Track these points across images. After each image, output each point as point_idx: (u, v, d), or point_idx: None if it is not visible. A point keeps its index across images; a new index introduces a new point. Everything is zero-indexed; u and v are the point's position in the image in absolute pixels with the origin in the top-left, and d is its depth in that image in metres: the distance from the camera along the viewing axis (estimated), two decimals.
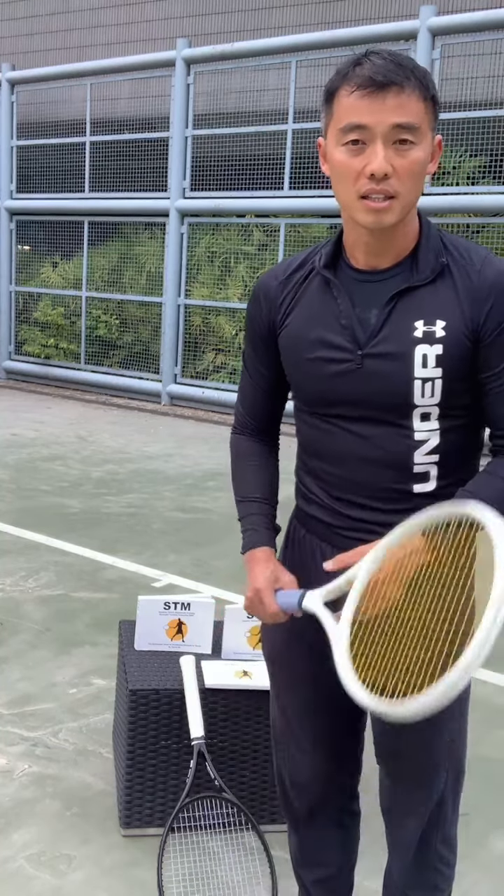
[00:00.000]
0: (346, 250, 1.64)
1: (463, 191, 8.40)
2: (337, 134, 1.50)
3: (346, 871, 2.01)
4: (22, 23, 13.54)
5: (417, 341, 1.55)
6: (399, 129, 1.45)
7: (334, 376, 1.61)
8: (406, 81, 1.44)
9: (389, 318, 1.57)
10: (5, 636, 3.85)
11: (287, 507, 1.85)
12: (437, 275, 1.56)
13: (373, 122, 1.44)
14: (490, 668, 3.65)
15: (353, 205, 1.52)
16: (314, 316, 1.64)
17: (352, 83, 1.46)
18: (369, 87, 1.44)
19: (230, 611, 2.68)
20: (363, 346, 1.58)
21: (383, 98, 1.43)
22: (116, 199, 10.77)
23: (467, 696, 1.75)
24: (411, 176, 1.49)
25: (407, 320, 1.56)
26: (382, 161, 1.45)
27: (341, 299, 1.61)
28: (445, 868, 1.85)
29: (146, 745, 2.51)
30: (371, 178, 1.47)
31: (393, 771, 1.78)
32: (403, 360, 1.55)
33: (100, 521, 5.71)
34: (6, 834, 2.54)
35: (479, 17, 8.04)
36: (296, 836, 1.98)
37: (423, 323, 1.55)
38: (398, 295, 1.57)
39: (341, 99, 1.48)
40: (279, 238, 9.56)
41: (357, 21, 10.11)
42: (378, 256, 1.59)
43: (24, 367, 11.74)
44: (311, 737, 1.85)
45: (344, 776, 1.91)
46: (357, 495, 1.65)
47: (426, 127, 1.49)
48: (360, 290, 1.60)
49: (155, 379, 10.57)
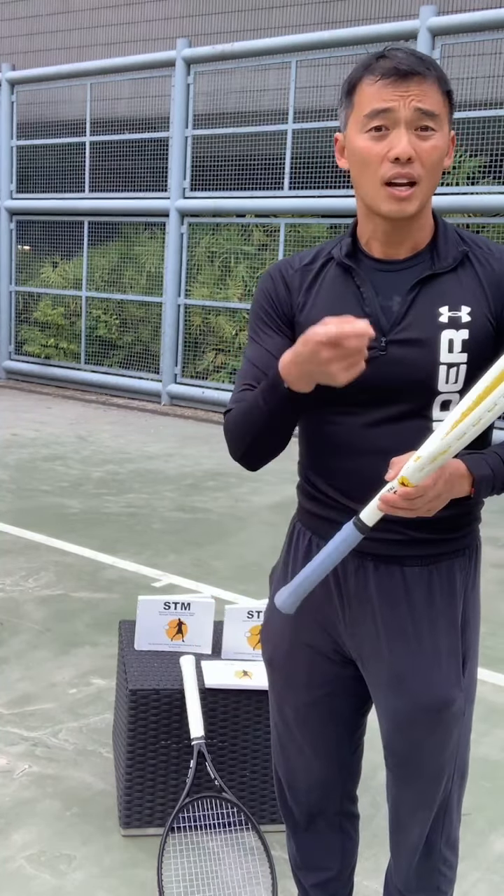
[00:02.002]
0: (362, 242, 1.64)
1: (463, 191, 8.41)
2: (360, 121, 1.53)
3: (345, 874, 2.00)
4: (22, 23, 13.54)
5: (443, 326, 1.56)
6: (421, 115, 1.50)
7: None
8: (427, 72, 1.50)
9: (413, 305, 1.57)
10: (5, 636, 3.85)
11: (288, 507, 1.83)
12: (458, 263, 1.59)
13: (396, 109, 1.49)
14: (490, 668, 3.66)
15: (376, 192, 1.54)
16: (335, 303, 1.62)
17: (375, 73, 1.51)
18: (393, 76, 1.49)
19: (230, 611, 2.68)
20: (387, 334, 1.57)
21: (407, 85, 1.49)
22: (116, 199, 10.77)
23: (473, 697, 1.75)
24: (432, 162, 1.53)
25: (432, 306, 1.57)
26: (406, 145, 1.49)
27: (364, 287, 1.61)
28: (448, 870, 1.84)
29: (146, 745, 2.51)
30: (395, 161, 1.50)
31: (400, 774, 1.76)
32: (429, 346, 1.55)
33: (100, 521, 5.71)
34: (6, 834, 2.54)
35: (479, 17, 8.04)
36: (295, 841, 1.97)
37: (448, 309, 1.56)
38: (421, 282, 1.58)
39: (364, 88, 1.52)
40: (279, 238, 9.56)
41: (357, 21, 10.11)
42: (396, 247, 1.60)
43: (24, 367, 11.74)
44: (310, 742, 1.83)
45: (343, 781, 1.90)
46: (373, 490, 1.59)
47: (445, 118, 1.54)
48: (381, 279, 1.61)
49: (155, 379, 10.57)
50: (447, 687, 1.66)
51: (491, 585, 4.51)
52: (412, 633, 1.65)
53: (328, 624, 1.72)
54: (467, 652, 1.70)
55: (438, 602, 1.65)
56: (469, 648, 1.70)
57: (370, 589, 1.65)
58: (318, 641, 1.74)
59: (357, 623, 1.68)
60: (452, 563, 1.66)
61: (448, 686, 1.66)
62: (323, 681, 1.77)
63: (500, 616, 4.30)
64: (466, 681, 1.70)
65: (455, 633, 1.67)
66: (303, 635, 1.75)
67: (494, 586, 4.70)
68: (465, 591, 1.68)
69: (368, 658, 1.71)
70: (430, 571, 1.64)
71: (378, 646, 1.68)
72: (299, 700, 1.80)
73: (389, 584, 1.65)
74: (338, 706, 1.80)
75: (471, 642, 1.71)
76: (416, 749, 1.71)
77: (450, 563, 1.66)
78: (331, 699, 1.79)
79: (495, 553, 5.23)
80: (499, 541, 5.40)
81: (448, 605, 1.66)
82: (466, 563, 1.69)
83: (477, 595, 1.73)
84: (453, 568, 1.66)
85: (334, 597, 1.70)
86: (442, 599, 1.65)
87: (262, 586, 1.92)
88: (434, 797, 1.75)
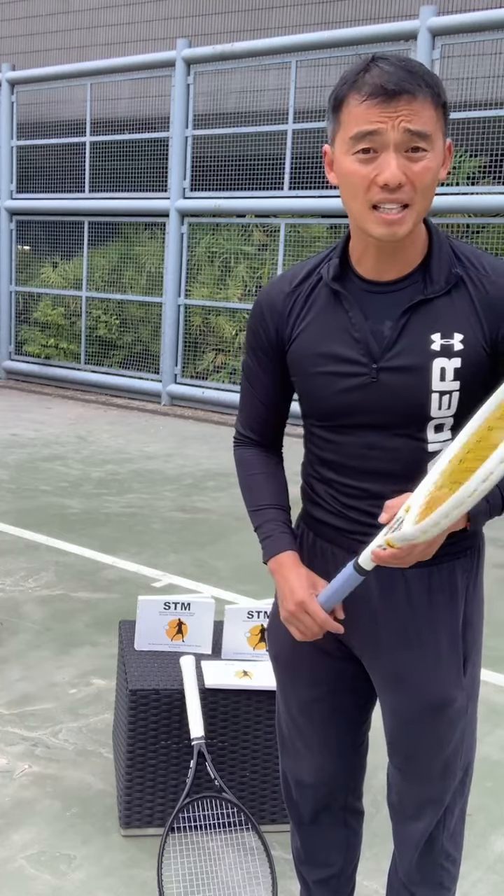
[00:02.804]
0: (353, 260, 1.60)
1: (463, 191, 8.41)
2: (347, 143, 1.45)
3: (348, 870, 2.01)
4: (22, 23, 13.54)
5: (435, 354, 1.53)
6: (411, 136, 1.42)
7: (348, 391, 1.58)
8: (418, 89, 1.41)
9: (405, 331, 1.54)
10: (5, 636, 3.85)
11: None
12: (451, 286, 1.54)
13: (384, 129, 1.41)
14: (490, 668, 3.66)
15: (364, 216, 1.49)
16: (325, 330, 1.60)
17: (362, 91, 1.42)
18: (380, 96, 1.40)
19: (230, 611, 2.67)
20: (378, 360, 1.55)
21: (395, 106, 1.40)
22: (116, 199, 10.77)
23: (476, 695, 1.75)
24: (424, 185, 1.45)
25: (423, 333, 1.54)
26: (396, 170, 1.42)
27: (353, 312, 1.57)
28: (452, 866, 1.84)
29: (146, 745, 2.51)
30: (384, 188, 1.43)
31: (405, 769, 1.77)
32: (421, 374, 1.53)
33: (100, 521, 5.70)
34: (6, 834, 2.54)
35: (479, 17, 8.04)
36: (300, 835, 1.98)
37: (441, 336, 1.53)
38: (412, 308, 1.54)
39: (350, 107, 1.44)
40: (279, 238, 9.56)
41: (357, 21, 10.11)
42: (387, 265, 1.56)
43: (24, 367, 11.74)
44: (316, 737, 1.84)
45: (348, 776, 1.91)
46: (370, 505, 1.62)
47: (438, 134, 1.46)
48: (372, 302, 1.58)
49: (155, 379, 10.57)
50: (447, 686, 1.67)
51: (493, 586, 4.49)
52: (413, 633, 1.66)
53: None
54: (469, 652, 1.70)
55: (439, 602, 1.66)
56: (471, 649, 1.70)
57: (371, 590, 1.66)
58: (322, 638, 1.74)
59: (357, 622, 1.68)
60: (454, 563, 1.66)
61: (448, 685, 1.67)
62: (326, 676, 1.78)
63: (501, 616, 4.30)
64: (468, 680, 1.70)
65: (456, 633, 1.67)
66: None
67: (496, 587, 4.70)
68: (466, 591, 1.68)
69: (371, 657, 1.72)
70: (430, 572, 1.64)
71: (379, 645, 1.69)
72: (304, 695, 1.82)
73: (390, 585, 1.65)
74: (342, 702, 1.81)
75: (472, 642, 1.71)
76: (419, 747, 1.72)
77: (451, 564, 1.66)
78: (334, 695, 1.80)
79: (497, 553, 5.22)
80: (499, 541, 5.40)
81: (449, 606, 1.66)
82: (469, 564, 1.69)
83: (479, 595, 1.73)
84: (455, 568, 1.66)
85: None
86: (443, 600, 1.66)
87: (262, 586, 1.92)
88: (437, 794, 1.75)
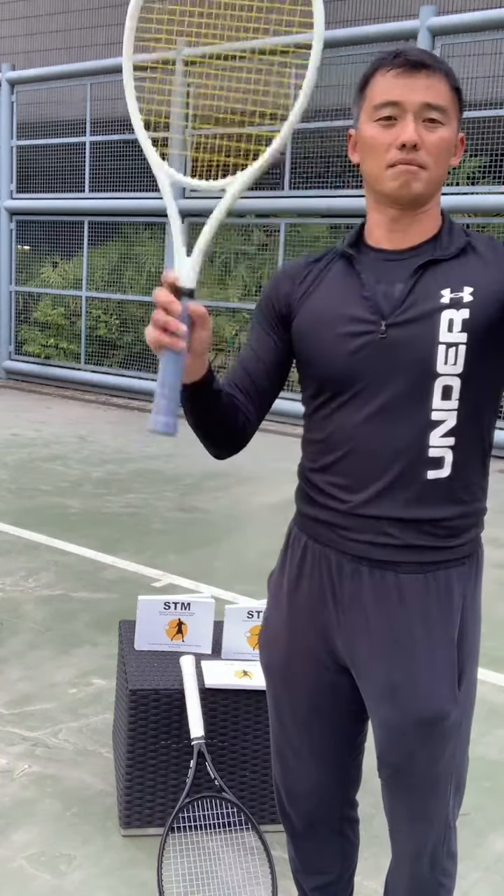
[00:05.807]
0: (367, 236, 1.67)
1: (463, 191, 8.41)
2: (370, 111, 1.58)
3: (346, 877, 1.98)
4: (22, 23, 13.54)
5: (444, 307, 1.56)
6: (429, 108, 1.54)
7: (356, 350, 1.59)
8: (437, 67, 1.56)
9: (414, 289, 1.58)
10: (5, 636, 3.85)
11: (288, 508, 1.83)
12: (461, 251, 1.60)
13: (405, 99, 1.54)
14: (490, 668, 3.66)
15: (381, 175, 1.57)
16: (337, 293, 1.64)
17: (387, 66, 1.57)
18: (403, 67, 1.55)
19: (230, 611, 2.68)
20: (387, 317, 1.58)
21: (415, 78, 1.54)
22: (116, 199, 10.77)
23: (471, 711, 1.71)
24: (439, 151, 1.56)
25: (433, 289, 1.57)
26: (413, 131, 1.53)
27: (365, 274, 1.62)
28: (448, 880, 1.81)
29: (146, 745, 2.51)
30: (401, 148, 1.54)
31: (393, 785, 1.73)
32: (428, 325, 1.55)
33: (100, 521, 5.71)
34: (6, 834, 2.54)
35: (479, 17, 8.04)
36: (294, 845, 1.94)
37: (451, 290, 1.57)
38: (423, 267, 1.59)
39: (376, 80, 1.58)
40: (279, 238, 9.56)
41: (357, 21, 10.12)
42: (401, 235, 1.62)
43: (24, 367, 11.74)
44: (308, 748, 1.80)
45: (343, 787, 1.87)
46: (371, 483, 1.60)
47: (453, 114, 1.58)
48: (384, 268, 1.62)
49: (155, 379, 10.52)
50: (441, 701, 1.62)
51: (491, 586, 4.49)
52: (406, 644, 1.62)
53: (324, 629, 1.70)
54: (464, 665, 1.65)
55: (434, 612, 1.61)
56: (466, 662, 1.65)
57: (364, 595, 1.63)
58: (315, 648, 1.71)
59: (351, 630, 1.65)
60: (450, 572, 1.62)
61: (442, 700, 1.62)
62: (320, 688, 1.74)
63: (501, 616, 4.30)
64: (462, 695, 1.65)
65: (451, 644, 1.63)
66: (300, 641, 1.73)
67: (495, 587, 4.70)
68: (463, 601, 1.63)
69: (362, 666, 1.67)
70: (426, 579, 1.60)
71: (371, 655, 1.65)
72: (296, 706, 1.78)
73: (383, 590, 1.61)
74: (336, 713, 1.77)
75: (468, 655, 1.66)
76: (409, 761, 1.67)
77: (447, 572, 1.62)
78: (328, 706, 1.76)
79: (495, 553, 5.23)
80: (498, 541, 5.40)
81: (445, 616, 1.62)
82: (466, 573, 1.64)
83: (477, 606, 1.69)
84: (451, 577, 1.62)
85: (329, 602, 1.67)
86: (438, 609, 1.61)
87: (261, 586, 1.91)
88: (427, 810, 1.70)
